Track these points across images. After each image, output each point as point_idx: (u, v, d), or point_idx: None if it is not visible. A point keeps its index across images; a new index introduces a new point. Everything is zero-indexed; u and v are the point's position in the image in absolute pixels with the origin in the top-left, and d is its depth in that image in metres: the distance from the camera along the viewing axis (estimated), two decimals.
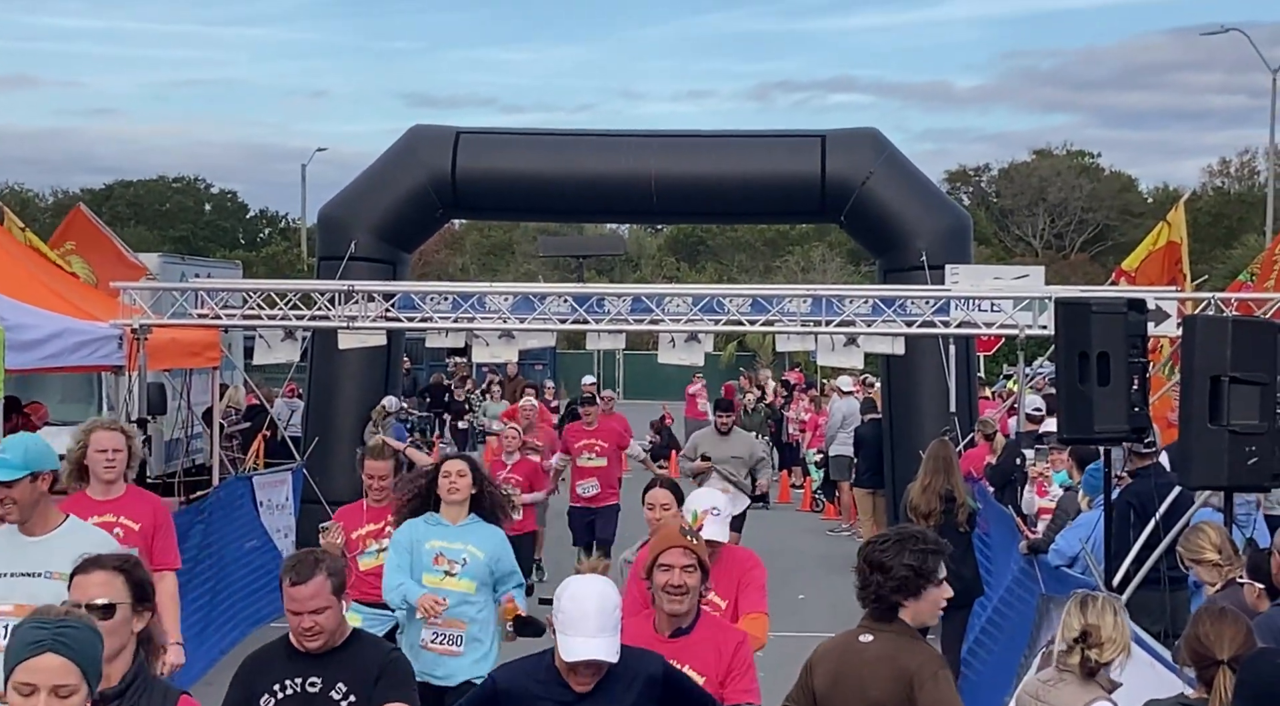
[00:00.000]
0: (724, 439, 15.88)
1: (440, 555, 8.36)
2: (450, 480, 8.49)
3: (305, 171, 71.28)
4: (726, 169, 18.95)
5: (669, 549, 6.00)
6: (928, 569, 5.59)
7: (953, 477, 11.97)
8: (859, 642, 5.67)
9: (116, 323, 13.60)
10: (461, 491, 8.45)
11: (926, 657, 5.52)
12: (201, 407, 18.96)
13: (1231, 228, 61.90)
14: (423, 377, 37.27)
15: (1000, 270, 16.66)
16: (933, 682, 5.44)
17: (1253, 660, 5.21)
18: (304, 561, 5.61)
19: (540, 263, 64.40)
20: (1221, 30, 44.78)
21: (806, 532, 22.75)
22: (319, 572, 5.54)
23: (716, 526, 7.19)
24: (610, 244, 58.38)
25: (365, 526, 9.68)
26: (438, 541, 8.41)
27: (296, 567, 5.57)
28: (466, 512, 8.48)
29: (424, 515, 8.54)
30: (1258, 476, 8.44)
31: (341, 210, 19.30)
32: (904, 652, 5.51)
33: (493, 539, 8.47)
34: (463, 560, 8.34)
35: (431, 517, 8.51)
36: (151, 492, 9.27)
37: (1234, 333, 8.48)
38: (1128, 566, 9.82)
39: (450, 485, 8.47)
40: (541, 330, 15.54)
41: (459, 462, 8.70)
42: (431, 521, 8.51)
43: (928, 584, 5.61)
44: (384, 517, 9.38)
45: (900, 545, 5.65)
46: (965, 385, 18.36)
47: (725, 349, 51.63)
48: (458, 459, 8.84)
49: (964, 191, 75.17)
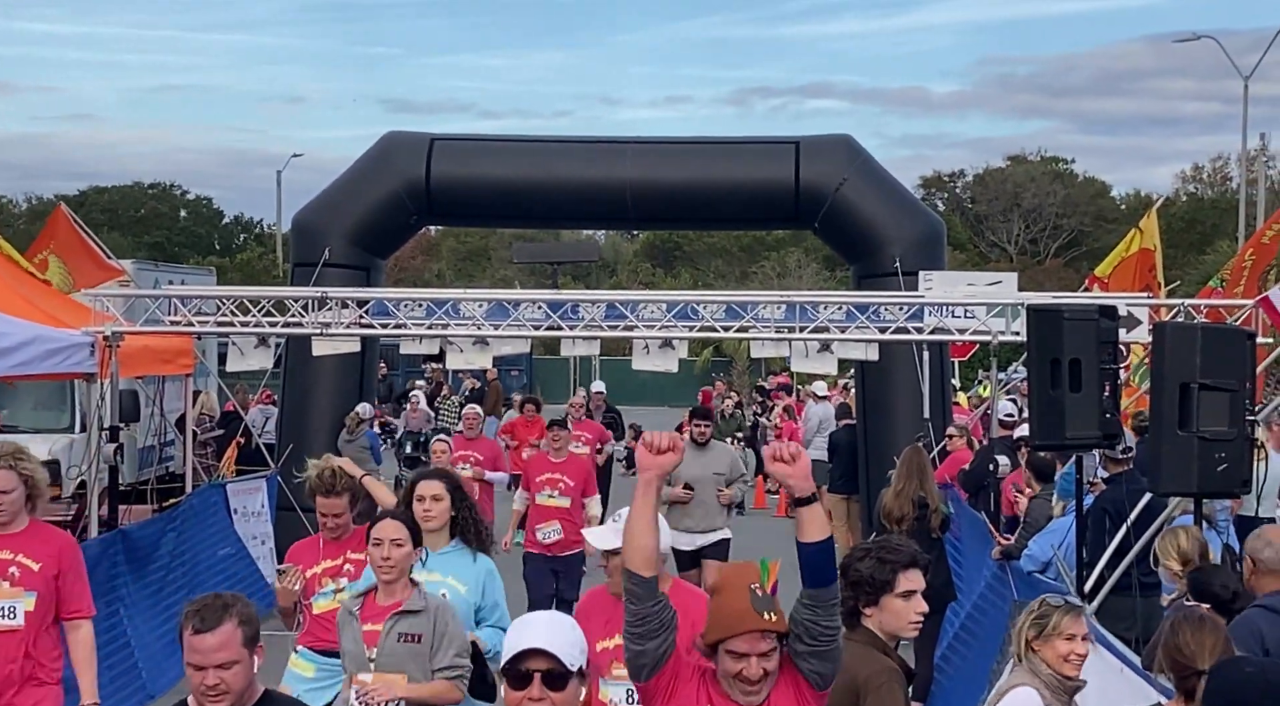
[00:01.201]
0: (702, 452, 14.08)
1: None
2: (424, 505, 7.53)
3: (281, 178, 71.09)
4: (701, 175, 18.97)
5: (743, 634, 4.84)
6: (880, 579, 5.55)
7: (926, 483, 12.00)
8: None
9: (88, 330, 13.55)
10: (437, 518, 7.53)
11: (877, 669, 5.48)
12: (175, 415, 18.90)
13: (1205, 234, 62.19)
14: (399, 384, 37.23)
15: (973, 276, 16.70)
16: (875, 695, 5.41)
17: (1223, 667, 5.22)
18: (209, 606, 4.79)
19: (516, 269, 64.36)
20: (1194, 38, 45.02)
21: (781, 537, 22.74)
22: (228, 619, 4.75)
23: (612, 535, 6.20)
24: (585, 250, 58.36)
25: (321, 563, 8.45)
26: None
27: (201, 612, 4.77)
28: (447, 538, 7.57)
29: None
30: (1227, 482, 8.47)
31: (315, 216, 19.27)
32: (858, 662, 5.49)
33: (477, 568, 7.53)
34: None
35: None
36: (62, 531, 8.27)
37: (1203, 339, 8.51)
38: (1100, 572, 9.85)
39: (424, 511, 7.51)
40: (516, 337, 15.51)
41: (434, 484, 7.68)
42: None
43: (884, 593, 5.56)
44: (342, 552, 8.36)
45: (866, 552, 5.66)
46: (939, 391, 18.40)
47: (700, 355, 51.67)
48: (433, 478, 7.81)
49: (939, 197, 75.38)
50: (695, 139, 20.29)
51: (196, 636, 4.73)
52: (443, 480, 7.73)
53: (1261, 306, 12.37)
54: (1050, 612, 6.08)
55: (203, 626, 4.73)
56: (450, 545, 7.54)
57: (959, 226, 66.19)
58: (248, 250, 72.77)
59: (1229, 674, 4.34)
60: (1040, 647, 6.05)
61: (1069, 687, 6.03)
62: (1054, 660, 6.01)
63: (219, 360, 20.92)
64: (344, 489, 8.35)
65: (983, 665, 11.19)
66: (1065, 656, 5.99)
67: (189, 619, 4.77)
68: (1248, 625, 6.57)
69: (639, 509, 4.81)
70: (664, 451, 4.81)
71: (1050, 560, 10.79)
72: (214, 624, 4.73)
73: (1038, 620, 6.09)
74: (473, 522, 7.60)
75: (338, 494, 8.32)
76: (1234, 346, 8.63)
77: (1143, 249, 18.03)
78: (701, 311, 15.29)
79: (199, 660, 4.73)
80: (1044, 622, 6.05)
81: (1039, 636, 6.06)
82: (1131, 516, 9.84)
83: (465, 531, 7.59)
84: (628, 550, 4.84)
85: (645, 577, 4.78)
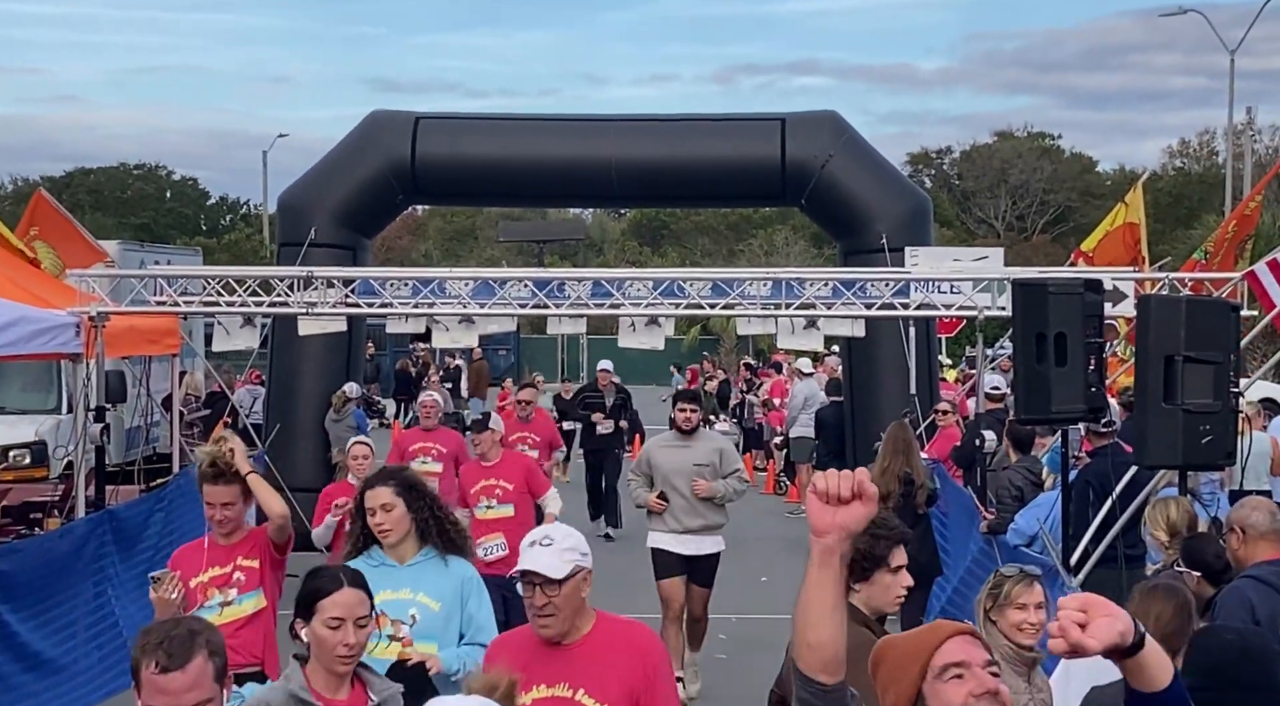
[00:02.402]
0: (686, 442, 11.89)
1: (381, 614, 5.84)
2: (375, 518, 6.34)
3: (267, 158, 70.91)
4: (687, 153, 18.97)
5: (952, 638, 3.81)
6: (876, 553, 5.59)
7: (911, 459, 12.02)
8: None
9: (74, 310, 13.52)
10: (393, 529, 6.33)
11: (857, 642, 5.50)
12: (161, 395, 18.87)
13: (1192, 208, 62.19)
14: (387, 364, 37.23)
15: (959, 252, 16.73)
16: (854, 667, 5.41)
17: (1203, 635, 5.23)
18: (175, 637, 3.90)
19: (503, 248, 64.30)
20: (1180, 12, 44.97)
21: (768, 515, 22.80)
22: (197, 652, 3.89)
23: (548, 558, 5.11)
24: (571, 229, 58.37)
25: (207, 571, 7.20)
26: (380, 594, 5.84)
27: (166, 646, 3.86)
28: (415, 547, 6.39)
29: (365, 552, 6.42)
30: (1212, 455, 8.52)
31: (301, 196, 19.25)
32: None
33: (453, 579, 6.38)
34: (410, 617, 6.24)
35: (373, 555, 6.39)
36: None
37: (1188, 312, 8.54)
38: (1085, 545, 9.89)
39: (377, 525, 6.35)
40: (502, 315, 15.51)
41: (381, 491, 6.36)
42: (372, 560, 6.33)
43: (876, 568, 5.61)
44: (233, 558, 7.21)
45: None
46: (925, 367, 18.44)
47: (688, 333, 51.67)
48: (381, 483, 6.41)
49: (926, 174, 75.35)
50: (680, 116, 20.29)
51: (164, 676, 3.84)
52: (389, 483, 6.40)
53: (1247, 280, 12.39)
54: (1003, 582, 6.11)
55: (170, 663, 3.85)
56: (420, 554, 6.38)
57: (946, 203, 66.23)
58: (235, 231, 72.56)
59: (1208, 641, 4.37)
60: (997, 618, 6.07)
61: (1025, 658, 6.04)
62: (1008, 629, 6.03)
63: (205, 340, 20.93)
64: (236, 477, 7.21)
65: None
66: (1018, 625, 6.01)
67: (149, 653, 3.87)
68: (1238, 596, 6.58)
69: (815, 588, 3.35)
70: (846, 501, 3.37)
71: (1036, 534, 10.82)
72: (183, 660, 3.86)
73: (992, 591, 6.12)
74: (436, 522, 6.41)
75: (229, 481, 7.18)
76: (1218, 319, 8.66)
77: (1128, 223, 18.06)
78: (688, 289, 15.29)
79: (164, 703, 3.84)
80: (998, 593, 6.08)
81: (994, 606, 6.09)
82: (1117, 489, 9.88)
83: (429, 534, 6.39)
84: (800, 645, 3.44)
85: (825, 685, 3.44)
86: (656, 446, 12.08)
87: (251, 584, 7.22)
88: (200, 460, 7.34)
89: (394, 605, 6.18)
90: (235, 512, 7.24)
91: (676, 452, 11.82)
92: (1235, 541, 6.87)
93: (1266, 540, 6.70)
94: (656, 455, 11.89)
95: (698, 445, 11.90)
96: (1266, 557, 6.65)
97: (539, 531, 5.28)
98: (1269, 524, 6.73)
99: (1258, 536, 6.71)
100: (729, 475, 11.87)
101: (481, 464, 11.90)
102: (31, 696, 10.56)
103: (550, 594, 5.08)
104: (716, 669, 11.45)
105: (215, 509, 7.21)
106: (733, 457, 12.13)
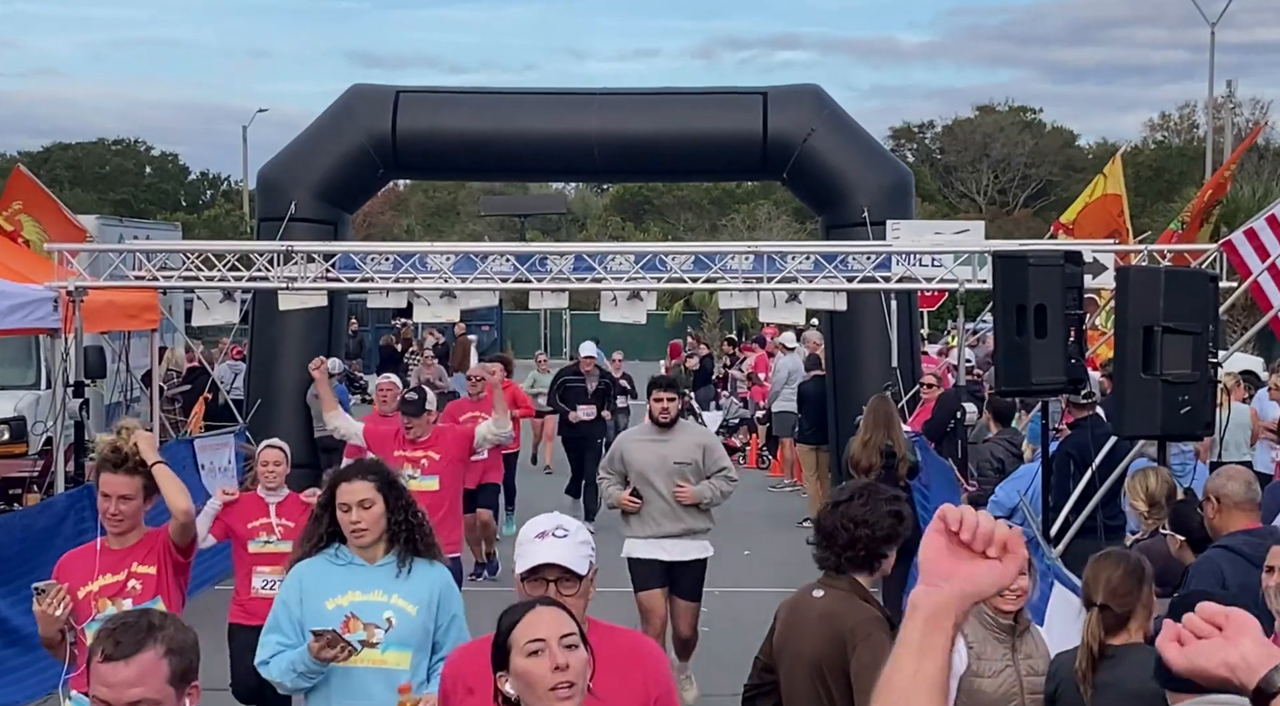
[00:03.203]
0: (663, 436, 10.56)
1: (351, 617, 5.65)
2: (351, 515, 5.72)
3: (246, 133, 70.63)
4: (668, 127, 18.93)
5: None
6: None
7: (893, 432, 12.03)
8: (811, 597, 5.70)
9: (51, 285, 13.48)
10: (370, 529, 5.73)
11: (863, 618, 5.53)
12: (141, 370, 18.84)
13: (1172, 181, 62.28)
14: (370, 339, 37.15)
15: (940, 225, 16.76)
16: (864, 644, 5.45)
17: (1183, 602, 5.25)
18: (130, 625, 3.55)
19: (486, 223, 64.19)
20: None
21: (751, 489, 22.80)
22: (150, 645, 3.50)
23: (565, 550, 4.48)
24: (551, 202, 58.23)
25: (97, 579, 6.43)
26: (349, 594, 5.71)
27: (116, 633, 3.53)
28: (383, 550, 5.78)
29: (327, 550, 5.81)
30: (1190, 425, 8.55)
31: (281, 171, 19.18)
32: (846, 611, 5.55)
33: (429, 581, 5.78)
34: (386, 621, 5.68)
35: (340, 553, 5.79)
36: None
37: (1167, 283, 8.57)
38: (1065, 516, 9.92)
39: (353, 523, 5.73)
40: (483, 289, 15.51)
41: (360, 485, 5.74)
42: (339, 559, 5.77)
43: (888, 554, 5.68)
44: (126, 564, 6.46)
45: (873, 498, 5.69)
46: (907, 340, 18.47)
47: (671, 308, 51.67)
48: (360, 477, 5.79)
49: (908, 148, 75.34)
50: (662, 90, 20.24)
51: (106, 664, 3.49)
52: (370, 478, 5.78)
53: (1225, 250, 12.43)
54: None
55: (115, 652, 3.49)
56: (389, 556, 5.78)
57: (928, 177, 66.22)
58: (215, 206, 72.31)
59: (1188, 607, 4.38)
60: None
61: (1005, 625, 6.05)
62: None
63: (185, 316, 20.88)
64: (139, 468, 6.40)
65: None
66: None
67: (100, 640, 3.55)
68: (1209, 566, 6.62)
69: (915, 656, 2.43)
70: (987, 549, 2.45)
71: (1016, 505, 10.86)
72: (130, 651, 3.49)
73: None
74: (410, 529, 5.80)
75: (130, 471, 6.37)
76: (1197, 290, 8.68)
77: (1108, 194, 18.09)
78: (670, 263, 15.29)
79: (106, 696, 3.49)
80: None
81: None
82: (1097, 460, 9.90)
83: (398, 537, 5.77)
84: None
85: None
86: (630, 441, 10.76)
87: (148, 593, 6.39)
88: (101, 446, 6.64)
89: (366, 607, 5.65)
90: (132, 508, 6.42)
91: (652, 447, 10.48)
92: (1210, 510, 6.89)
93: (1241, 509, 6.73)
94: (630, 450, 10.56)
95: (677, 439, 10.52)
96: (1241, 527, 6.68)
97: (548, 520, 4.57)
98: (1244, 493, 6.76)
99: (1232, 505, 6.74)
100: (714, 474, 10.51)
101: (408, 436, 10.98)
102: (10, 672, 10.57)
103: (568, 592, 4.38)
104: (699, 643, 11.41)
105: (110, 501, 6.39)
106: (718, 454, 10.71)
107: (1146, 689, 4.64)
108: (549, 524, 4.53)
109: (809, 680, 5.56)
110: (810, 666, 5.55)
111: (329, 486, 5.86)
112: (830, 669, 5.49)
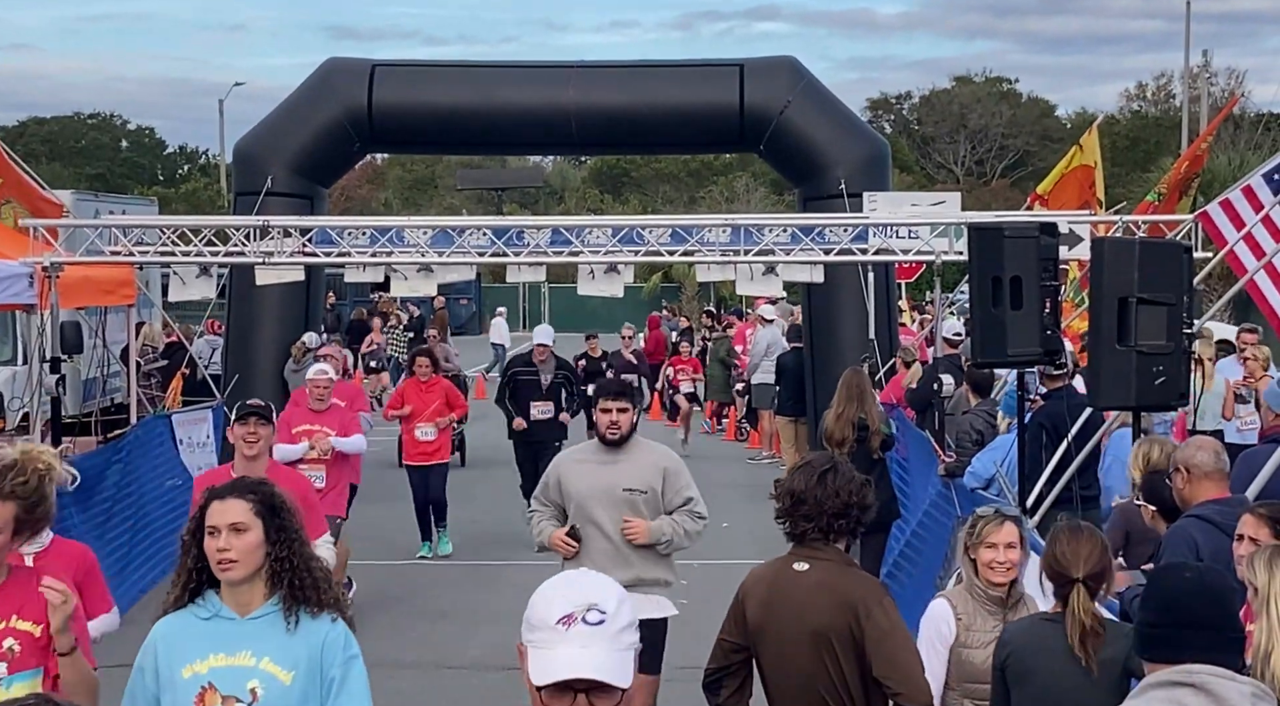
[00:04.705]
0: (610, 456, 8.17)
1: (209, 689, 4.52)
2: (218, 542, 4.52)
3: (223, 107, 70.36)
4: (645, 99, 18.91)
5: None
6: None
7: (866, 405, 12.05)
8: (794, 570, 5.70)
9: (26, 260, 13.44)
10: (241, 562, 4.52)
11: (869, 586, 5.65)
12: (118, 346, 18.78)
13: (1149, 151, 62.40)
14: (347, 313, 37.05)
15: (917, 197, 16.80)
16: (880, 610, 5.55)
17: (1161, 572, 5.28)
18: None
19: (463, 196, 64.05)
20: None
21: (729, 460, 22.88)
22: None
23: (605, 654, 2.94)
24: (529, 176, 58.02)
25: None
26: (211, 659, 4.53)
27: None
28: (263, 593, 4.59)
29: (192, 604, 4.62)
30: (1165, 396, 8.58)
31: (257, 145, 19.10)
32: (845, 581, 5.60)
33: (311, 639, 4.56)
34: (250, 692, 4.52)
35: (207, 602, 4.61)
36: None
37: (1141, 254, 8.59)
38: (1040, 487, 9.97)
39: (219, 553, 4.52)
40: (461, 263, 15.49)
41: (233, 504, 4.55)
42: (204, 610, 4.60)
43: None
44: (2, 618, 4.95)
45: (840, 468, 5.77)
46: (885, 312, 18.50)
47: (649, 281, 51.63)
48: (235, 495, 4.59)
49: (885, 119, 75.36)
50: (639, 63, 20.22)
51: None
52: (248, 497, 4.60)
53: (1200, 221, 12.47)
54: (978, 522, 6.20)
55: None
56: (268, 604, 4.59)
57: (905, 149, 66.27)
58: (191, 181, 72.00)
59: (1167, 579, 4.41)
60: (974, 557, 6.16)
61: (996, 597, 6.10)
62: (981, 568, 6.12)
63: (162, 291, 20.82)
64: (14, 491, 4.91)
65: (927, 581, 11.32)
66: (988, 563, 6.09)
67: None
68: (1181, 535, 6.65)
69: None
70: None
71: (993, 476, 10.90)
72: None
73: (969, 529, 6.21)
74: (294, 569, 4.56)
75: (3, 497, 4.88)
76: (1171, 261, 8.71)
77: (1082, 165, 18.12)
78: (647, 236, 15.29)
79: None
80: (973, 532, 6.17)
81: (971, 546, 6.18)
82: (1072, 432, 9.95)
83: (282, 579, 4.56)
84: None
85: None
86: (569, 462, 8.38)
87: (27, 660, 4.91)
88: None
89: (229, 675, 4.51)
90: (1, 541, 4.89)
91: (597, 472, 8.12)
92: (1180, 481, 6.91)
93: (1210, 479, 6.76)
94: (568, 475, 8.20)
95: (629, 460, 8.15)
96: (1210, 496, 6.71)
97: (576, 593, 2.97)
98: (1213, 463, 6.78)
99: (1202, 475, 6.76)
100: (677, 508, 8.14)
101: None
102: None
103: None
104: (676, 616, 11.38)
105: None
106: (682, 481, 8.22)
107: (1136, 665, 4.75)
108: (578, 600, 2.95)
109: (813, 651, 5.57)
110: (814, 637, 5.57)
111: (199, 507, 4.65)
112: (839, 638, 5.54)
